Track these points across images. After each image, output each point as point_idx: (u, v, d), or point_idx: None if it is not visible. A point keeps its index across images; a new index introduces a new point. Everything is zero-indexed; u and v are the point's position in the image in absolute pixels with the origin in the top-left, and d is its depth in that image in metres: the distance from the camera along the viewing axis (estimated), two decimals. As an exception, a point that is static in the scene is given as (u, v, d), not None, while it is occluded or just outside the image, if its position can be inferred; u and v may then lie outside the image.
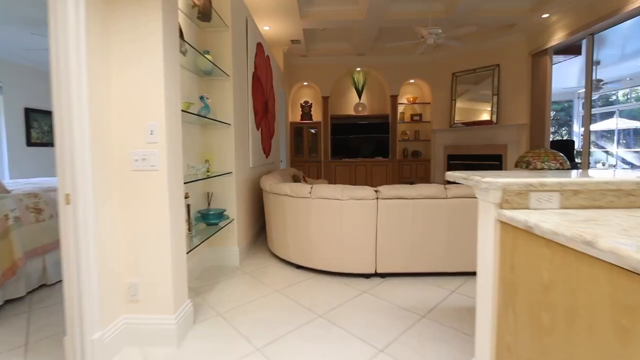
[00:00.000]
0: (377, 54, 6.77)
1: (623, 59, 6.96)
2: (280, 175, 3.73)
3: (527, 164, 2.99)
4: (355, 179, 7.08)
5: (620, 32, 5.73)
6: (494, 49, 6.21)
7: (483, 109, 6.42)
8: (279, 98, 5.58)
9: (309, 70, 7.04)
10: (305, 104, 7.26)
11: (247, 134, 3.41)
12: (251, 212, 3.56)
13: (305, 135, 7.18)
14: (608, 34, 5.50)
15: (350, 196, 2.56)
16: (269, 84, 4.45)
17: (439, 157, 7.09)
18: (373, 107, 7.45)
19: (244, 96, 3.27)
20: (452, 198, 2.60)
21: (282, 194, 2.83)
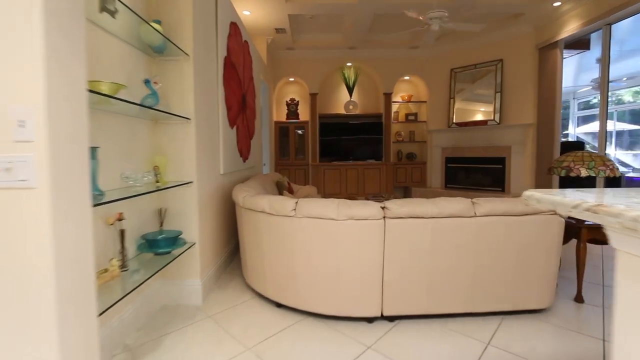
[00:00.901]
0: (370, 47, 6.14)
1: (621, 57, 6.53)
2: (260, 183, 3.03)
3: (567, 170, 2.38)
4: (346, 183, 6.43)
5: (620, 29, 5.21)
6: (497, 42, 5.67)
7: (484, 108, 5.86)
8: (260, 93, 4.87)
9: (296, 64, 6.35)
10: (291, 102, 6.57)
11: (217, 133, 2.70)
12: (221, 230, 2.85)
13: (291, 136, 6.49)
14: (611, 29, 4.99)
15: (348, 215, 1.89)
16: (247, 75, 3.74)
17: (436, 160, 6.51)
18: (365, 106, 6.81)
19: (211, 84, 2.57)
20: (483, 216, 1.95)
21: (259, 211, 2.13)
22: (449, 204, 1.93)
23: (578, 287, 2.29)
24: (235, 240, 3.27)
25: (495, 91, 5.71)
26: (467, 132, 6.05)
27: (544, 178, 5.15)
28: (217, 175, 2.71)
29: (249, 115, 3.84)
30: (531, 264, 2.03)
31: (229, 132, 2.97)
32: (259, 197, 2.18)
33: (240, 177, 3.45)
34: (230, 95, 3.01)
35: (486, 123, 5.78)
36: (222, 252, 2.81)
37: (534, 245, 2.01)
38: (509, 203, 1.96)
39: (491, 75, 5.74)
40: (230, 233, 3.05)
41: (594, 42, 5.62)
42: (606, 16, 4.25)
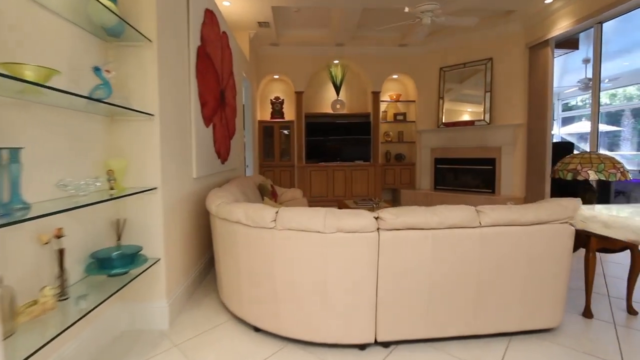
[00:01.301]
0: (358, 44, 5.90)
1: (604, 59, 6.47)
2: (239, 188, 2.73)
3: (574, 173, 2.18)
4: (334, 186, 6.17)
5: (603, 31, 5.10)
6: (487, 41, 5.52)
7: (474, 108, 5.71)
8: (242, 91, 4.56)
9: (281, 61, 6.06)
10: (276, 100, 6.26)
11: (189, 132, 2.39)
12: (195, 241, 2.54)
13: (276, 136, 6.18)
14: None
15: (337, 227, 1.62)
16: (227, 69, 3.43)
17: (425, 161, 6.32)
18: (353, 105, 6.57)
19: (181, 76, 2.25)
20: (489, 227, 1.72)
21: (234, 221, 1.84)
22: (451, 213, 1.68)
23: (587, 301, 2.09)
24: (211, 250, 2.95)
25: (485, 91, 5.56)
26: (457, 133, 5.89)
27: (536, 180, 5.02)
28: (189, 179, 2.40)
29: (229, 113, 3.53)
30: (541, 279, 1.81)
31: (204, 131, 2.66)
32: (234, 205, 1.89)
33: (218, 180, 3.13)
34: (206, 90, 2.70)
35: (474, 123, 5.62)
36: (195, 265, 2.50)
37: (544, 258, 1.79)
38: (516, 211, 1.73)
39: (480, 75, 5.59)
40: (205, 244, 2.74)
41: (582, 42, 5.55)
42: (597, 14, 4.13)
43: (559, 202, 1.85)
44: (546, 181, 4.87)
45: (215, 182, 3.05)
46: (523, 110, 5.26)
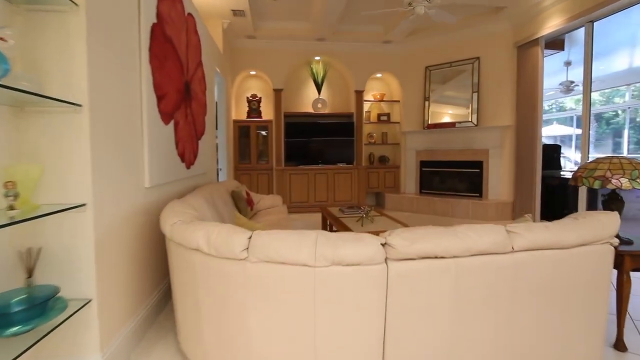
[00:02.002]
0: (340, 39, 5.50)
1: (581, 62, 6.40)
2: (207, 198, 2.24)
3: (602, 181, 1.86)
4: (315, 190, 5.74)
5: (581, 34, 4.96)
6: (474, 39, 5.28)
7: (461, 109, 5.45)
8: (214, 85, 4.05)
9: (258, 56, 5.56)
10: (252, 98, 5.76)
11: (139, 129, 1.89)
12: (145, 269, 2.03)
13: (252, 137, 5.68)
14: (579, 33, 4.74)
15: (333, 258, 1.18)
16: (194, 58, 2.93)
17: (411, 164, 6.02)
18: (335, 104, 6.17)
19: (127, 59, 1.75)
20: (523, 251, 1.34)
21: (192, 248, 1.36)
22: (478, 236, 1.29)
23: (619, 332, 1.77)
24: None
25: (472, 91, 5.32)
26: (443, 134, 5.62)
27: (525, 184, 4.80)
28: (139, 189, 1.89)
29: (196, 110, 3.02)
30: (579, 311, 1.45)
31: (161, 129, 2.16)
32: (193, 225, 1.41)
33: (181, 189, 2.62)
34: (165, 80, 2.19)
35: (459, 125, 5.37)
36: (148, 298, 1.99)
37: (584, 286, 1.44)
38: (555, 231, 1.37)
39: (467, 75, 5.35)
40: (163, 268, 2.23)
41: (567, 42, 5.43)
42: (589, 12, 3.94)
43: (596, 217, 1.51)
44: (536, 185, 4.66)
45: (178, 191, 2.54)
46: (511, 112, 5.05)
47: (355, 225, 2.90)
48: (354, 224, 2.93)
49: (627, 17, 4.11)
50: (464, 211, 5.18)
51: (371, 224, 2.93)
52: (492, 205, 5.00)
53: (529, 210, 4.73)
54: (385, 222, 3.02)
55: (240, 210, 3.20)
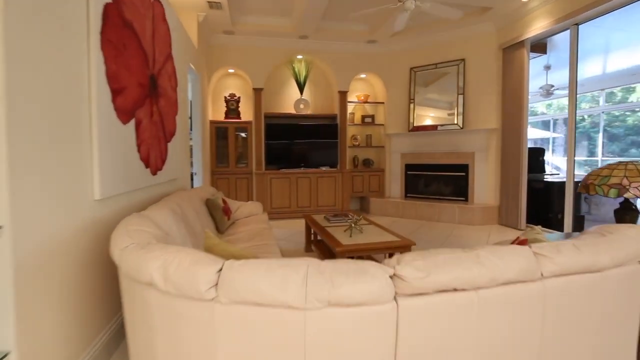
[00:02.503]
0: (323, 37, 5.25)
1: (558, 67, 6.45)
2: (174, 210, 1.91)
3: (618, 189, 1.68)
4: (297, 195, 5.44)
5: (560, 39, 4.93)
6: (459, 40, 5.16)
7: (446, 111, 5.32)
8: (187, 82, 3.69)
9: (237, 52, 5.22)
10: (231, 98, 5.41)
11: (86, 129, 1.54)
12: (94, 301, 1.68)
13: (231, 139, 5.32)
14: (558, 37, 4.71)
15: (329, 299, 0.90)
16: (162, 50, 2.58)
17: (396, 167, 5.84)
18: (318, 105, 5.91)
19: (68, 41, 1.41)
20: (554, 277, 1.12)
21: (145, 282, 1.05)
22: (503, 262, 1.05)
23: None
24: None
25: (457, 93, 5.19)
26: (429, 137, 5.47)
27: (511, 187, 4.71)
28: (86, 203, 1.54)
29: (165, 108, 2.67)
30: (613, 339, 1.25)
31: (119, 129, 1.81)
32: (148, 251, 1.10)
33: (145, 198, 2.27)
34: (122, 71, 1.85)
35: (436, 128, 5.24)
36: (92, 341, 1.63)
37: (618, 311, 1.24)
38: (587, 252, 1.15)
39: (453, 76, 5.22)
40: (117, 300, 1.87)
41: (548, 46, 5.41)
42: (575, 15, 3.88)
43: (624, 232, 1.31)
44: (522, 188, 4.57)
45: (141, 202, 2.19)
46: (497, 115, 4.96)
47: (343, 235, 2.64)
48: (341, 235, 2.66)
49: (600, 24, 4.07)
50: (450, 216, 5.04)
51: (360, 235, 2.68)
52: (478, 210, 4.88)
53: (514, 214, 4.64)
54: (375, 231, 2.78)
55: (217, 220, 2.87)
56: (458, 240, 4.04)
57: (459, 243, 3.90)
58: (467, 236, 4.24)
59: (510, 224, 4.72)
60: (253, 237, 2.61)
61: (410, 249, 2.49)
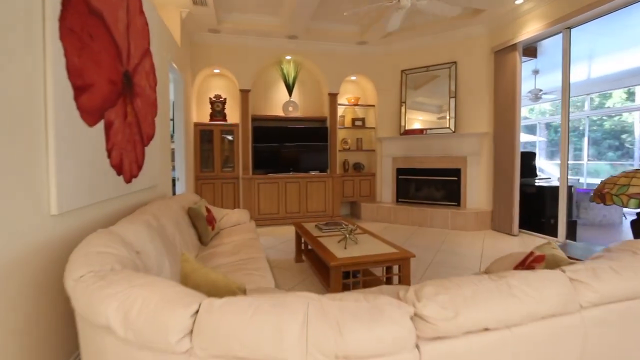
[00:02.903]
0: (313, 37, 5.08)
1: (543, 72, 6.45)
2: (146, 223, 1.68)
3: (638, 199, 1.54)
4: (286, 200, 5.23)
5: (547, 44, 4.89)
6: (451, 43, 5.07)
7: (438, 114, 5.22)
8: (168, 81, 3.45)
9: (222, 52, 4.99)
10: (216, 99, 5.16)
11: (41, 131, 1.31)
12: (46, 342, 1.43)
13: (216, 142, 5.07)
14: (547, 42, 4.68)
15: (335, 352, 0.70)
16: (137, 44, 2.34)
17: (387, 172, 5.70)
18: (307, 108, 5.72)
19: (13, 18, 1.17)
20: (594, 307, 0.95)
21: (101, 326, 0.83)
22: (538, 293, 0.87)
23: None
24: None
25: (449, 97, 5.10)
26: (420, 141, 5.35)
27: (504, 192, 4.62)
28: (41, 219, 1.30)
29: (143, 109, 2.43)
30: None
31: (83, 131, 1.57)
32: (107, 283, 0.87)
33: (116, 210, 2.02)
34: (88, 65, 1.61)
35: (424, 132, 5.13)
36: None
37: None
38: (630, 275, 1.00)
39: (444, 79, 5.13)
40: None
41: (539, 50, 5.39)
42: (567, 19, 3.82)
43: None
44: (515, 193, 4.49)
45: (111, 214, 1.94)
46: (489, 118, 4.88)
47: (337, 247, 2.45)
48: (335, 246, 2.47)
49: (584, 31, 4.03)
50: (443, 221, 4.92)
51: (355, 246, 2.49)
52: (471, 215, 4.78)
53: (508, 220, 4.55)
54: (371, 242, 2.60)
55: (200, 231, 2.63)
56: (453, 247, 3.90)
57: (454, 250, 3.77)
58: (462, 243, 4.11)
59: (503, 229, 4.63)
60: (239, 250, 2.39)
61: (409, 261, 2.32)
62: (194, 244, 2.47)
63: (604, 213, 5.81)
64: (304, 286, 2.70)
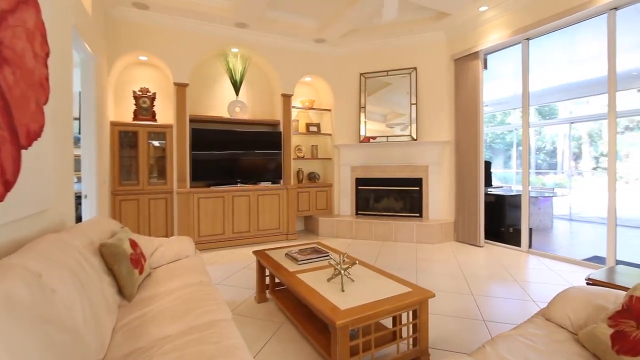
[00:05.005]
0: (265, 28, 4.35)
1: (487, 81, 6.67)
2: (4, 298, 0.77)
3: None
4: (233, 217, 4.34)
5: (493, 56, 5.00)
6: (411, 47, 4.82)
7: (399, 121, 4.90)
8: (70, 58, 2.40)
9: (152, 35, 3.95)
10: (142, 94, 4.07)
11: None
12: None
13: (142, 147, 3.97)
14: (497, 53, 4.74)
15: None
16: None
17: (345, 182, 5.19)
18: (256, 110, 4.94)
19: None
20: None
21: None
22: None
23: None
24: None
25: (410, 103, 4.82)
26: (381, 149, 4.97)
27: (467, 201, 4.44)
28: None
29: (16, 87, 1.45)
30: None
31: None
32: None
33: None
34: None
35: (375, 139, 4.82)
36: None
37: None
38: None
39: (405, 85, 4.84)
40: None
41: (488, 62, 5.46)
42: (526, 30, 3.79)
43: None
44: (480, 203, 4.33)
45: None
46: (449, 127, 4.70)
47: (331, 290, 1.76)
48: (326, 288, 1.79)
49: (518, 50, 4.09)
50: (408, 234, 4.55)
51: (353, 285, 1.84)
52: (436, 227, 4.49)
53: (473, 231, 4.36)
54: (373, 278, 1.97)
55: (121, 278, 1.70)
56: (430, 266, 3.50)
57: (432, 270, 3.35)
58: (435, 259, 3.74)
59: (468, 240, 4.43)
60: (187, 308, 1.54)
61: (427, 303, 1.74)
62: (111, 302, 1.54)
63: (540, 219, 6.12)
64: (279, 346, 1.94)
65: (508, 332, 1.40)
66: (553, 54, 5.30)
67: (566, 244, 5.23)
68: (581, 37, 4.51)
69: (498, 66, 4.96)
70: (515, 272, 3.27)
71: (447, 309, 2.42)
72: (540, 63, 5.36)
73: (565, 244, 5.23)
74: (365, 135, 4.99)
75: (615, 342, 1.17)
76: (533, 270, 3.36)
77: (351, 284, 1.85)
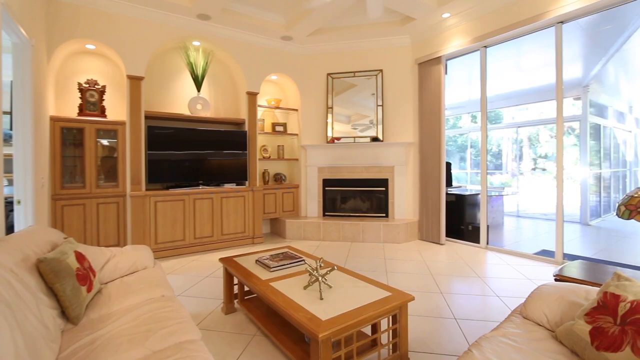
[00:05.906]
0: (229, 21, 4.11)
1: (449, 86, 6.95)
2: None
3: None
4: (194, 222, 4.05)
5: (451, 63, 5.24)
6: (377, 50, 4.85)
7: (365, 122, 4.91)
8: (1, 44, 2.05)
9: (101, 21, 3.54)
10: (90, 86, 3.65)
11: None
12: None
13: (88, 145, 3.54)
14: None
15: None
16: None
17: (312, 183, 5.09)
18: (219, 108, 4.67)
19: None
20: None
21: None
22: None
23: None
24: None
25: (377, 104, 4.85)
26: (348, 150, 4.94)
27: (431, 202, 4.56)
28: None
29: None
30: None
31: None
32: None
33: None
34: None
35: (340, 139, 4.83)
36: None
37: None
38: None
39: (371, 87, 4.87)
40: None
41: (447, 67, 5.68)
42: (484, 38, 3.98)
43: None
44: (442, 202, 4.46)
45: None
46: (414, 129, 4.80)
47: (308, 299, 1.65)
48: (304, 298, 1.67)
49: (472, 58, 4.33)
50: (375, 235, 4.57)
51: (331, 292, 1.74)
52: (402, 226, 4.56)
53: (435, 229, 4.49)
54: (350, 283, 1.88)
55: (64, 298, 1.44)
56: (401, 265, 3.51)
57: (403, 269, 3.37)
58: (402, 257, 3.78)
59: (431, 239, 4.55)
60: (147, 331, 1.34)
61: (407, 307, 1.69)
62: (52, 329, 1.29)
63: (493, 216, 6.49)
64: (253, 360, 1.78)
65: (490, 332, 1.38)
66: (502, 62, 5.64)
67: (517, 239, 5.59)
68: (527, 47, 4.85)
69: (453, 72, 5.18)
70: (477, 268, 3.38)
71: (420, 309, 2.42)
72: (492, 71, 5.70)
73: (516, 239, 5.58)
74: (332, 136, 4.94)
75: (594, 339, 1.19)
76: (493, 265, 3.50)
77: (329, 291, 1.75)
